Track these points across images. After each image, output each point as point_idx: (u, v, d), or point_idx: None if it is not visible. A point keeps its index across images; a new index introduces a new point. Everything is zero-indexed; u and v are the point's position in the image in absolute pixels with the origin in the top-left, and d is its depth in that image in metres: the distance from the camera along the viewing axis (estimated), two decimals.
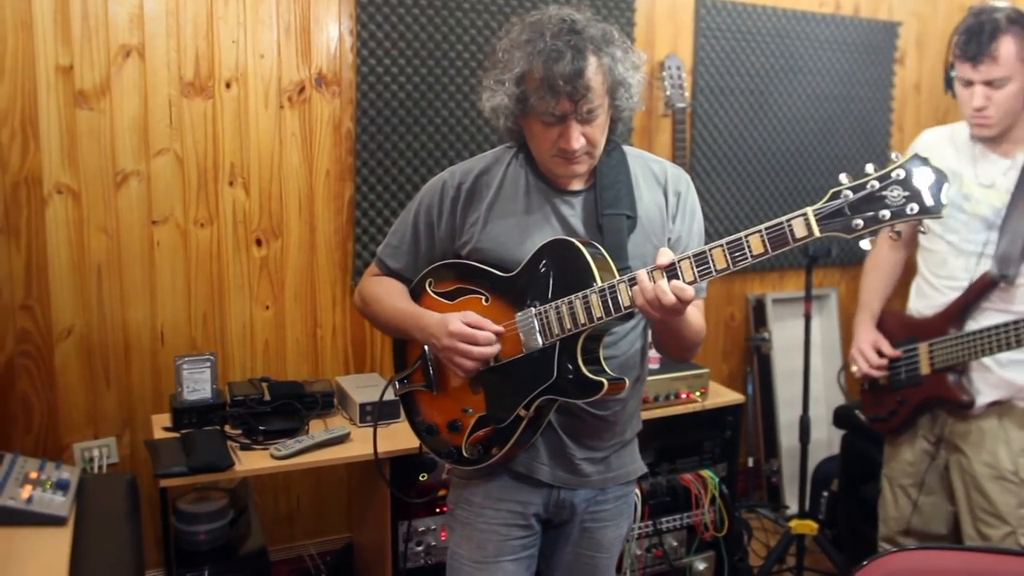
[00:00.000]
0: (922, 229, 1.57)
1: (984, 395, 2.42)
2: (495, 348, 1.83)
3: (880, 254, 2.75)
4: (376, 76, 3.06)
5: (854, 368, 2.70)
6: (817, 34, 3.92)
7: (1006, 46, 2.26)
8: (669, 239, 1.92)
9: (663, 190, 1.93)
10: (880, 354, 2.62)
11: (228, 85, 2.91)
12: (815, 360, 4.11)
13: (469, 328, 1.81)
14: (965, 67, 2.32)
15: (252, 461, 2.47)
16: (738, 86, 3.76)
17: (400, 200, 3.12)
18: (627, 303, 1.70)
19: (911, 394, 2.56)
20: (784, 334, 3.93)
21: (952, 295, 2.46)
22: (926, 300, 2.55)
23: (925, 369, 2.50)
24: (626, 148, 1.97)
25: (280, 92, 2.98)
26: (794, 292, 3.96)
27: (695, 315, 1.90)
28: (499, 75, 1.79)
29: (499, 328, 1.83)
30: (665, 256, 1.67)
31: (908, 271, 2.74)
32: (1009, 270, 2.33)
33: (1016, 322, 2.29)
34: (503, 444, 1.87)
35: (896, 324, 2.64)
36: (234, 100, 2.92)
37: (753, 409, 4.00)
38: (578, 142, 1.76)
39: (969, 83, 2.34)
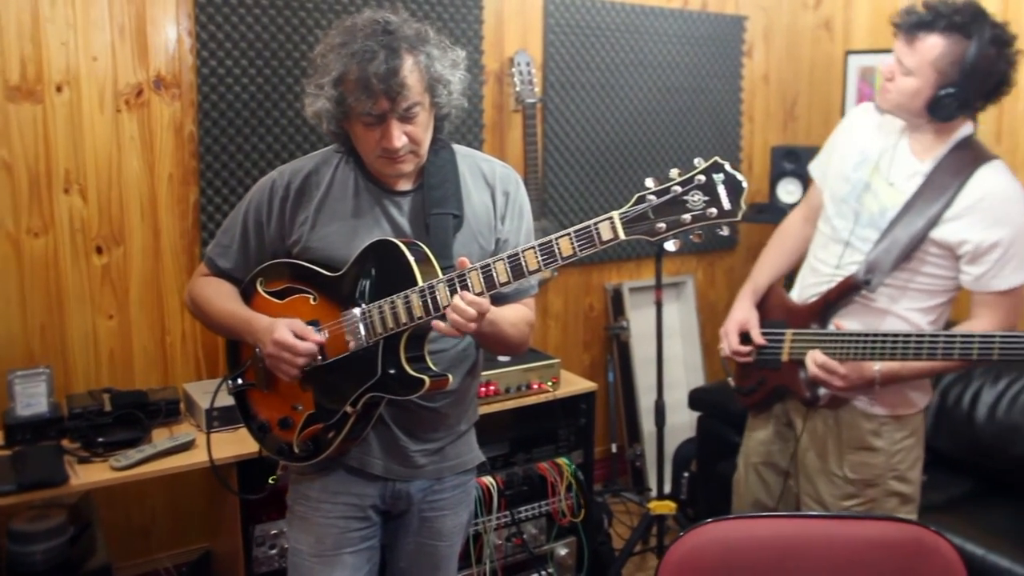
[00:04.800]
0: (721, 231, 1.62)
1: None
2: (312, 360, 1.86)
3: (787, 226, 2.67)
4: (218, 78, 3.02)
5: (721, 346, 2.61)
6: (666, 28, 4.04)
7: (931, 42, 2.16)
8: (498, 239, 1.97)
9: (491, 190, 1.98)
10: (745, 338, 2.55)
11: (59, 89, 2.81)
12: (675, 346, 4.25)
13: (291, 339, 1.83)
14: (899, 39, 2.23)
15: (90, 474, 2.41)
16: (589, 81, 3.84)
17: None
18: (446, 303, 1.74)
19: (770, 377, 2.52)
20: (642, 322, 4.04)
21: (819, 281, 2.43)
22: (802, 281, 2.52)
23: (784, 356, 2.46)
24: (456, 147, 2.00)
25: (116, 95, 2.90)
26: (651, 280, 4.05)
27: (519, 313, 1.96)
28: (318, 80, 1.81)
29: (321, 339, 1.86)
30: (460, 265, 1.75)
31: None
32: (875, 276, 2.28)
33: (870, 338, 2.23)
34: (332, 440, 1.90)
35: (776, 303, 2.57)
36: (66, 104, 2.83)
37: (615, 396, 4.10)
38: (400, 140, 1.79)
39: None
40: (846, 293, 2.34)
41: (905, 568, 1.53)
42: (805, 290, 2.49)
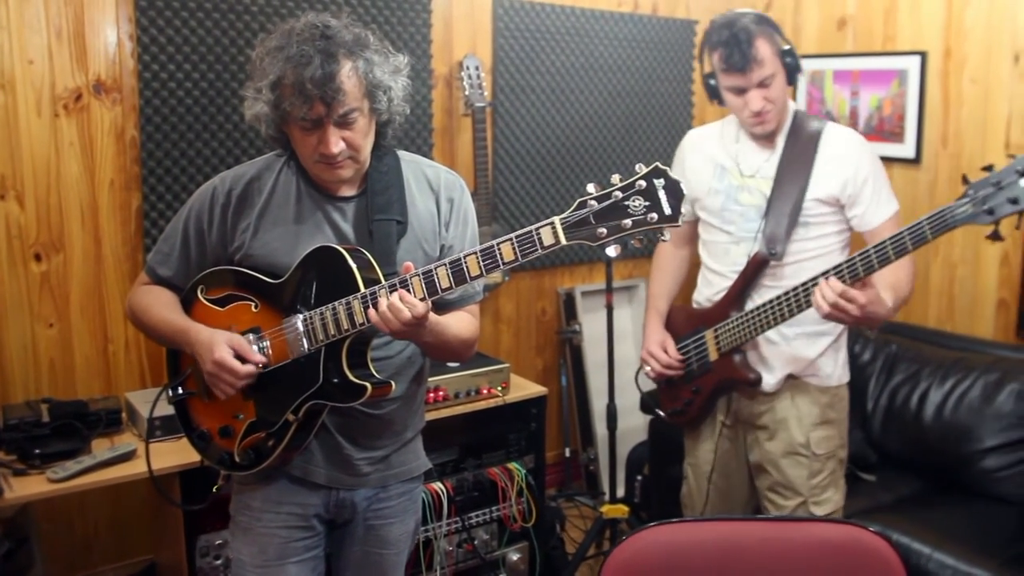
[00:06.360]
0: (663, 237, 1.63)
1: (777, 370, 2.51)
2: (249, 379, 1.83)
3: (663, 254, 2.83)
4: (160, 82, 2.97)
5: (647, 370, 2.73)
6: (616, 32, 4.05)
7: (763, 46, 2.35)
8: (442, 246, 1.96)
9: (436, 196, 1.97)
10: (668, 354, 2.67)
11: None
12: (628, 349, 4.25)
13: (231, 361, 1.81)
14: (736, 78, 2.38)
15: (26, 487, 2.35)
16: (539, 85, 3.84)
17: None
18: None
19: (705, 382, 2.61)
20: (595, 326, 4.04)
21: (725, 286, 2.55)
22: (712, 288, 2.62)
23: (713, 355, 2.56)
24: (401, 153, 1.99)
25: (54, 99, 2.84)
26: (603, 284, 4.05)
27: (463, 322, 1.95)
28: (256, 83, 1.80)
29: (261, 359, 1.84)
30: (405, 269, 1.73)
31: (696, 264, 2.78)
32: (776, 248, 2.45)
33: (785, 294, 2.36)
34: (274, 449, 1.87)
35: (682, 318, 2.71)
36: (1, 108, 2.76)
37: (568, 400, 4.09)
38: (337, 146, 1.77)
39: (742, 91, 2.40)
40: (757, 272, 2.49)
41: (845, 569, 1.54)
42: (715, 295, 2.61)
